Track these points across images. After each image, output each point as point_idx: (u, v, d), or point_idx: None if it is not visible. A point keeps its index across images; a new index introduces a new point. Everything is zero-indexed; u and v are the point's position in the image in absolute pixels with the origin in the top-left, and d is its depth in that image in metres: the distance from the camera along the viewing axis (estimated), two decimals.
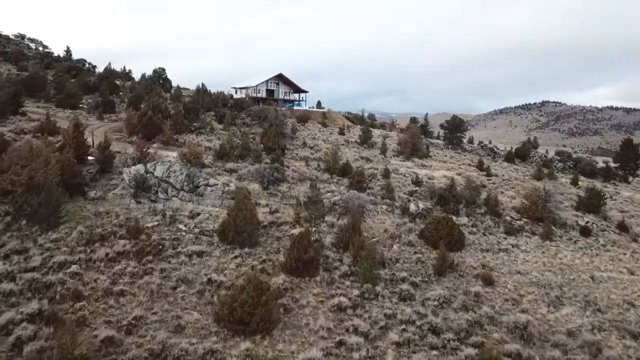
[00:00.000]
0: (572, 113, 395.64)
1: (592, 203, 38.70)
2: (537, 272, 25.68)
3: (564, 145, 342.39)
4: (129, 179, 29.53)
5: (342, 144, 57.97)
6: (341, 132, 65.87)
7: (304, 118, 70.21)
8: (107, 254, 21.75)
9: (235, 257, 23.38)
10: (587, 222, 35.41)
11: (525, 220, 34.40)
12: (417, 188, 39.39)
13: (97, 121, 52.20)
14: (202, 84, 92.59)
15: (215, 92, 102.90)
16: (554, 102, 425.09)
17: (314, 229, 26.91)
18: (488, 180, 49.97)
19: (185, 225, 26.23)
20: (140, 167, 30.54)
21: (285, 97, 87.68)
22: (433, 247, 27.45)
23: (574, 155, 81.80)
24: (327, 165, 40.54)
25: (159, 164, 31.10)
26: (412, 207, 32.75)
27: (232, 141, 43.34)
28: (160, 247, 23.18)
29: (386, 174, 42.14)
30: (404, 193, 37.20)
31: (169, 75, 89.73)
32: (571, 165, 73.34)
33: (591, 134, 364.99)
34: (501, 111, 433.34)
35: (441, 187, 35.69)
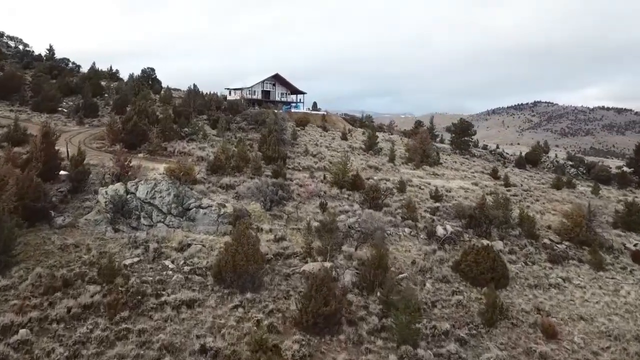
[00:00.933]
0: (564, 113, 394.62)
1: (634, 220, 34.16)
2: (603, 318, 20.98)
3: (557, 146, 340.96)
4: (106, 202, 24.35)
5: (347, 151, 53.07)
6: (344, 137, 60.94)
7: (303, 122, 65.16)
8: (69, 310, 16.58)
9: (235, 306, 18.34)
10: (636, 245, 30.87)
11: (566, 243, 29.72)
12: (437, 204, 34.58)
13: (76, 127, 46.82)
14: (194, 84, 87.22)
15: (208, 93, 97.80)
16: (546, 102, 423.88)
17: (329, 263, 21.96)
18: (508, 190, 45.33)
19: (172, 262, 21.13)
20: (119, 187, 25.36)
21: (282, 99, 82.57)
22: (472, 283, 22.65)
23: (586, 160, 77.59)
24: (336, 177, 35.57)
25: (142, 182, 25.93)
26: (440, 230, 27.92)
27: (227, 150, 38.24)
28: (140, 296, 18.06)
29: (401, 186, 37.27)
30: (425, 210, 32.37)
31: (160, 75, 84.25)
32: (584, 171, 69.07)
33: (583, 134, 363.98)
34: (494, 111, 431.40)
35: (469, 205, 30.86)
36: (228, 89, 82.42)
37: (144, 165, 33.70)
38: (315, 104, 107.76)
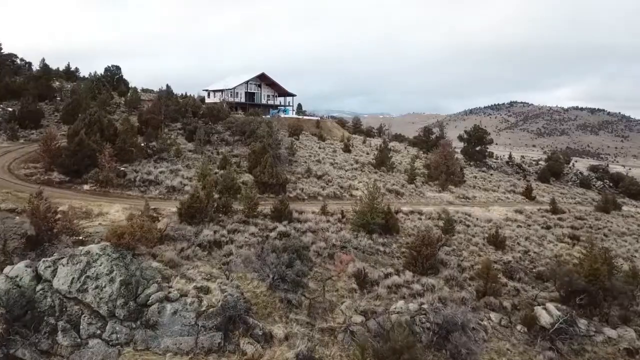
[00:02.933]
0: (540, 113, 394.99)
1: None
2: None
3: (534, 146, 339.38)
4: None
5: (354, 166, 42.69)
6: (346, 149, 50.50)
7: (296, 129, 54.38)
8: None
9: None
10: None
11: None
12: (502, 256, 24.62)
13: (6, 143, 34.96)
14: (168, 85, 75.47)
15: (184, 95, 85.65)
16: (521, 102, 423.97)
17: None
18: (559, 220, 35.84)
19: None
20: (21, 272, 14.32)
21: (269, 102, 71.51)
22: None
23: (594, 168, 69.32)
24: (361, 218, 25.07)
25: (66, 259, 14.87)
26: (544, 317, 17.82)
27: (209, 176, 27.25)
28: None
29: (447, 226, 27.08)
30: (496, 269, 22.22)
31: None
32: (610, 184, 60.66)
33: (559, 134, 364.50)
34: (471, 111, 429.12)
35: (571, 270, 20.73)
36: (206, 90, 70.86)
37: (87, 208, 22.54)
38: (300, 106, 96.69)
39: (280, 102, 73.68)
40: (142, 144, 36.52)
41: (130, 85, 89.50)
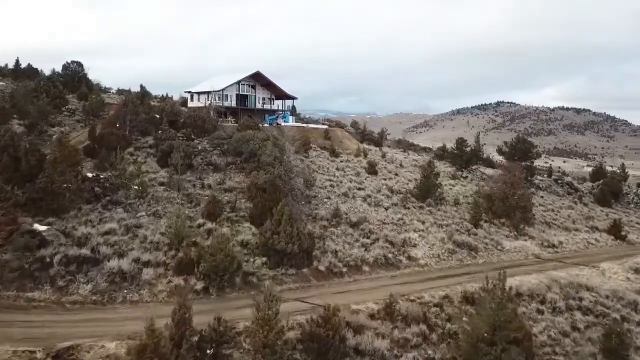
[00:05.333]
0: (527, 113, 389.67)
1: None
2: None
3: None
4: None
5: (392, 200, 30.38)
6: (372, 169, 38.10)
7: (303, 143, 41.83)
8: None
9: None
10: None
11: None
12: None
13: None
14: (142, 86, 62.20)
15: (164, 97, 71.86)
16: (508, 102, 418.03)
17: None
18: None
19: None
20: None
21: (265, 106, 58.59)
22: None
23: None
24: (468, 342, 12.70)
25: None
26: None
27: (185, 234, 14.71)
28: None
29: (611, 342, 14.90)
30: None
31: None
32: None
33: (546, 134, 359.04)
34: (458, 111, 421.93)
35: None
36: (189, 92, 57.58)
37: None
38: (294, 109, 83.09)
39: (278, 106, 60.83)
40: (88, 177, 23.59)
41: (102, 86, 75.48)
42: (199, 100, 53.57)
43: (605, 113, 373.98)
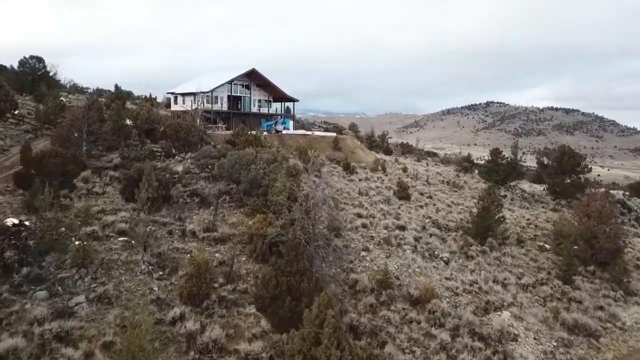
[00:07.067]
0: (516, 113, 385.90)
1: None
2: None
3: (515, 147, 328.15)
4: None
5: (449, 244, 21.99)
6: (403, 193, 29.62)
7: (311, 157, 33.17)
8: None
9: None
10: None
11: None
12: None
13: None
14: (117, 85, 52.90)
15: (147, 97, 62.13)
16: (498, 102, 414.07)
17: None
18: None
19: None
20: None
21: (262, 110, 49.70)
22: None
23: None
24: None
25: None
26: None
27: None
28: None
29: None
30: None
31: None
32: None
33: (535, 134, 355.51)
34: (449, 111, 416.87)
35: None
36: (173, 93, 48.44)
37: None
38: (288, 109, 73.64)
39: (276, 110, 51.99)
40: (7, 228, 14.67)
41: (79, 86, 66.07)
42: (184, 103, 44.58)
43: (593, 113, 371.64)
